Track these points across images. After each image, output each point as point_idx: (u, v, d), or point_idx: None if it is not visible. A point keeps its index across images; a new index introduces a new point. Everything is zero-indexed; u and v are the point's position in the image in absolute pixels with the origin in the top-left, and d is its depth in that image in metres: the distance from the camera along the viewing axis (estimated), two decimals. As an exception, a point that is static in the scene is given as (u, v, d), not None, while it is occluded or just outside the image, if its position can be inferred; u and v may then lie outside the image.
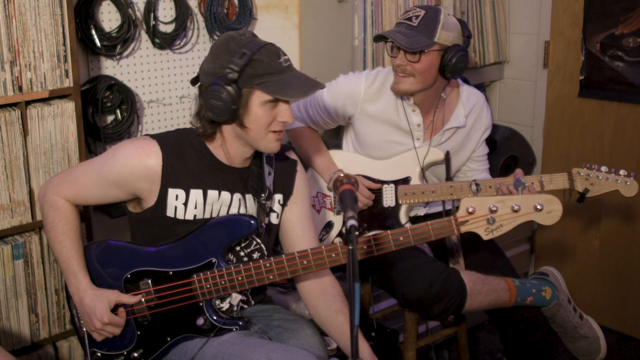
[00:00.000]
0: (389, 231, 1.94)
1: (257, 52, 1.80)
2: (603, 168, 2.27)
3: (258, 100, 1.83)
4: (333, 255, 1.91)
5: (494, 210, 1.91)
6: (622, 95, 3.29)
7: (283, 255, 1.92)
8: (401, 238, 1.94)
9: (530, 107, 3.68)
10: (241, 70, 1.79)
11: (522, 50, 3.66)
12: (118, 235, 2.61)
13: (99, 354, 1.99)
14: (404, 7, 3.16)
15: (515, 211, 1.91)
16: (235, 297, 1.99)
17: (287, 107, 1.87)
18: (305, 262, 1.91)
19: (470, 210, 1.92)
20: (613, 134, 3.36)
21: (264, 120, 1.85)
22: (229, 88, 1.79)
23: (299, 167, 2.10)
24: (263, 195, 1.98)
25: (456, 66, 2.32)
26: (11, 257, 2.22)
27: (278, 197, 2.05)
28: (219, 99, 1.80)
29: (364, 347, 1.98)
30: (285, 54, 1.86)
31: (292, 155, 2.11)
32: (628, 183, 2.24)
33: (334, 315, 2.01)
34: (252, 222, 1.94)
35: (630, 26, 3.21)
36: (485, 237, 1.94)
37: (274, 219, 2.05)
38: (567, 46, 3.46)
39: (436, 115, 2.47)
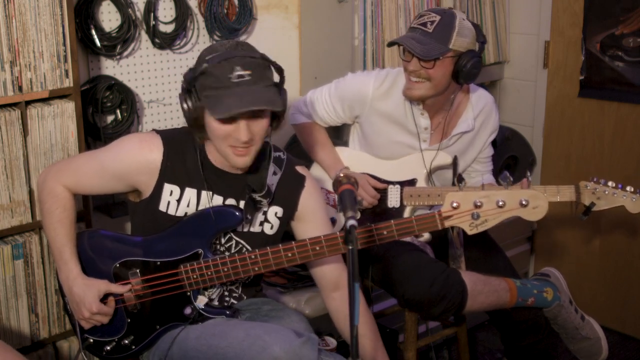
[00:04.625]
0: (372, 225, 1.93)
1: (215, 65, 1.77)
2: (610, 183, 2.29)
3: (207, 113, 1.82)
4: (317, 248, 1.92)
5: (478, 205, 1.90)
6: (622, 95, 3.29)
7: (268, 248, 1.93)
8: (385, 232, 1.93)
9: (530, 107, 3.68)
10: (191, 82, 1.81)
11: (522, 50, 3.66)
12: (118, 235, 2.61)
13: (91, 340, 2.02)
14: (404, 7, 3.16)
15: (500, 207, 1.90)
16: (201, 301, 2.00)
17: (243, 125, 1.80)
18: (289, 254, 1.92)
19: (455, 205, 1.91)
20: (613, 134, 3.36)
21: (218, 133, 1.82)
22: (186, 98, 1.82)
23: (308, 183, 2.07)
24: (257, 191, 1.97)
25: (470, 72, 2.31)
26: (11, 257, 2.22)
27: (276, 209, 2.04)
28: (182, 106, 1.84)
29: None
30: (248, 69, 1.77)
31: (302, 171, 2.08)
32: (634, 200, 2.26)
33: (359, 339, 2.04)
34: (237, 213, 1.94)
35: (630, 26, 3.22)
36: (469, 232, 1.94)
37: (267, 229, 2.05)
38: (567, 46, 3.46)
39: (445, 119, 2.46)
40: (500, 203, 1.90)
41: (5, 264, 2.22)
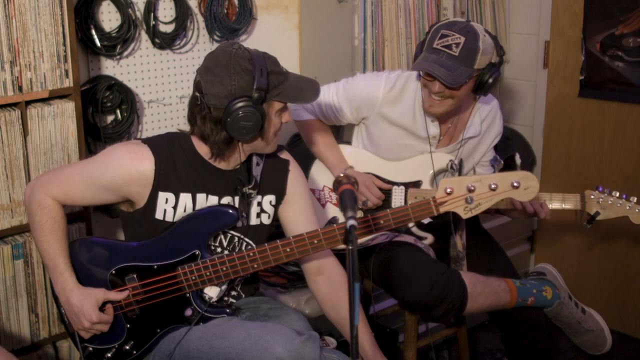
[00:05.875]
0: (369, 215, 1.95)
1: (269, 64, 1.86)
2: (615, 193, 2.31)
3: (274, 110, 1.90)
4: (315, 241, 1.93)
5: (471, 189, 1.93)
6: (622, 95, 3.29)
7: (266, 244, 1.93)
8: (381, 221, 1.95)
9: (530, 107, 3.68)
10: (267, 88, 1.83)
11: (522, 50, 3.66)
12: (117, 236, 2.61)
13: (91, 349, 2.01)
14: (404, 7, 3.16)
15: (493, 189, 1.93)
16: (211, 289, 2.00)
17: (287, 108, 1.95)
18: (288, 249, 1.93)
19: (449, 190, 1.94)
20: (613, 134, 3.36)
21: (277, 126, 1.93)
22: (259, 107, 1.84)
23: (292, 167, 2.11)
24: (247, 185, 1.99)
25: (490, 86, 2.32)
26: (11, 257, 2.22)
27: (270, 197, 2.07)
28: (249, 119, 1.83)
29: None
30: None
31: (284, 155, 2.12)
32: (638, 210, 2.28)
33: (343, 322, 2.08)
34: (232, 211, 1.96)
35: (630, 26, 3.21)
36: (464, 216, 1.97)
37: (265, 219, 2.06)
38: (567, 46, 3.46)
39: (452, 124, 2.46)
40: (493, 186, 1.92)
41: (5, 264, 2.22)
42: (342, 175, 1.74)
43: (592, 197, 2.31)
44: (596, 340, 2.53)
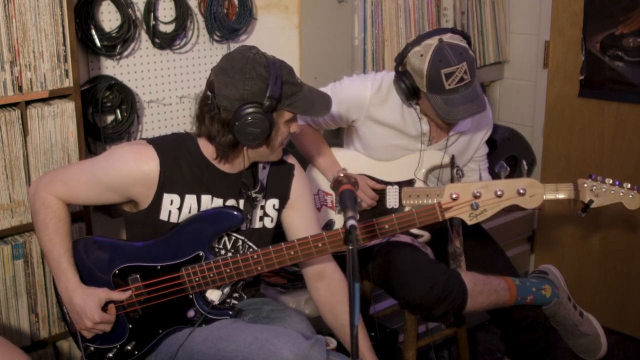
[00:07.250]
0: (374, 220, 1.95)
1: (284, 73, 1.86)
2: (607, 180, 2.30)
3: (284, 119, 1.90)
4: (320, 245, 1.93)
5: (477, 195, 1.94)
6: (622, 95, 3.29)
7: (270, 247, 1.93)
8: (387, 226, 1.95)
9: (530, 107, 3.68)
10: (280, 97, 1.83)
11: (522, 50, 3.66)
12: (117, 236, 2.61)
13: (92, 349, 2.00)
14: (404, 7, 3.16)
15: (499, 196, 1.95)
16: (213, 293, 2.00)
17: (296, 119, 1.95)
18: (292, 252, 1.93)
19: (454, 196, 1.94)
20: (613, 134, 3.36)
21: (285, 135, 1.93)
22: (268, 115, 1.84)
23: (297, 171, 2.10)
24: (252, 188, 1.99)
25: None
26: (11, 257, 2.22)
27: (273, 201, 2.06)
28: (257, 125, 1.83)
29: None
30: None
31: (290, 159, 2.11)
32: (631, 196, 2.28)
33: (342, 329, 2.08)
34: (236, 213, 1.95)
35: (630, 26, 3.22)
36: (469, 222, 1.97)
37: (268, 223, 2.06)
38: (567, 46, 3.46)
39: None
40: (499, 192, 1.93)
41: (5, 264, 2.22)
42: (342, 175, 1.74)
43: (585, 185, 2.31)
44: (590, 345, 2.53)
